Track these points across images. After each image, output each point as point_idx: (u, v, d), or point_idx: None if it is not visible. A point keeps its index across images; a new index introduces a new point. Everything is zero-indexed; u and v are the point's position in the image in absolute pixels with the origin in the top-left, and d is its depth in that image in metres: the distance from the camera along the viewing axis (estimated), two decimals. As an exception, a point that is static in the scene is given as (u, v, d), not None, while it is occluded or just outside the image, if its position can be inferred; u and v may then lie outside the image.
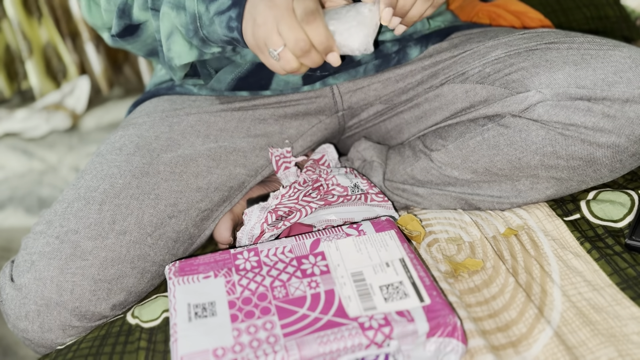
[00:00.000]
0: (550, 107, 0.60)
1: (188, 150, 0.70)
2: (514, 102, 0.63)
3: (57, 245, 0.60)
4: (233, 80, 0.74)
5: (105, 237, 0.62)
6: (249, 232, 0.67)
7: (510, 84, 0.64)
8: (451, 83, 0.70)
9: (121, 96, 2.19)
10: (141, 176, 0.66)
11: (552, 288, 0.56)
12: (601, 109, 0.59)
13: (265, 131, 0.75)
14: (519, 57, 0.65)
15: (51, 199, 1.60)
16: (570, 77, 0.60)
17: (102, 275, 0.61)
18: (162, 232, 0.66)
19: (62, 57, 2.14)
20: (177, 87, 0.78)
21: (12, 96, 2.21)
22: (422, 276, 0.54)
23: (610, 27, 1.00)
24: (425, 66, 0.74)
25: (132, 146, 0.69)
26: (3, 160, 1.83)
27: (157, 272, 0.66)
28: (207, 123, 0.72)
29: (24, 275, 0.60)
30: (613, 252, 0.59)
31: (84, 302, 0.60)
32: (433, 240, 0.66)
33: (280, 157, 0.75)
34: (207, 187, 0.70)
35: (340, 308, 0.51)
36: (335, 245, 0.59)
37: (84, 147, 1.85)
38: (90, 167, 0.68)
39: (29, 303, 0.59)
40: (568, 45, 0.63)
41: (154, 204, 0.65)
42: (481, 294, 0.58)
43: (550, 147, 0.62)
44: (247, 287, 0.54)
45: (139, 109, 0.77)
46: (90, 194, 0.64)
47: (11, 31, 2.09)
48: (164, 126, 0.71)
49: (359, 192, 0.70)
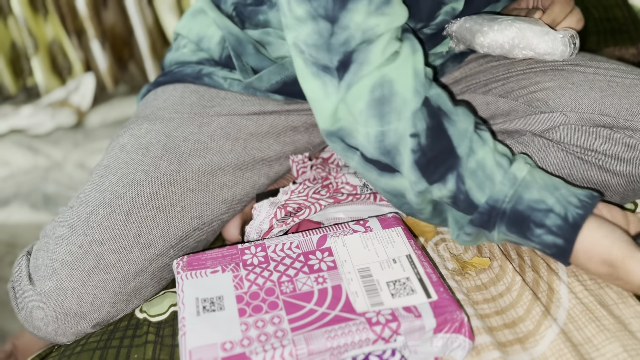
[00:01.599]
0: (573, 130, 0.61)
1: (216, 157, 0.68)
2: (536, 122, 0.63)
3: (81, 256, 0.59)
4: (278, 82, 0.70)
5: (129, 250, 0.61)
6: (257, 227, 0.67)
7: (534, 102, 0.63)
8: (472, 92, 0.70)
9: (126, 93, 2.19)
10: (168, 185, 0.64)
11: (559, 286, 0.56)
12: (622, 138, 0.59)
13: (294, 139, 0.74)
14: (545, 75, 0.64)
15: (56, 195, 1.61)
16: (596, 103, 0.60)
17: (123, 288, 0.61)
18: (185, 244, 0.66)
19: (68, 54, 2.15)
20: (205, 78, 0.73)
21: (17, 93, 2.21)
22: (429, 272, 0.54)
23: (619, 28, 1.00)
24: (455, 77, 0.74)
25: (159, 147, 0.66)
26: (8, 157, 1.84)
27: (171, 277, 0.66)
28: (237, 126, 0.70)
29: (45, 282, 0.59)
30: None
31: (102, 314, 0.60)
32: (440, 239, 0.66)
33: (299, 164, 0.75)
34: (232, 199, 0.69)
35: (347, 303, 0.51)
36: (342, 241, 0.59)
37: (89, 144, 1.86)
38: (114, 164, 0.65)
39: (48, 309, 0.58)
40: (594, 70, 0.63)
41: (180, 216, 0.65)
42: (488, 291, 0.58)
43: (567, 170, 0.62)
44: (254, 282, 0.55)
45: (162, 95, 0.73)
46: (116, 201, 0.62)
47: (17, 28, 2.10)
48: (193, 126, 0.69)
49: (368, 191, 0.71)
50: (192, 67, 0.75)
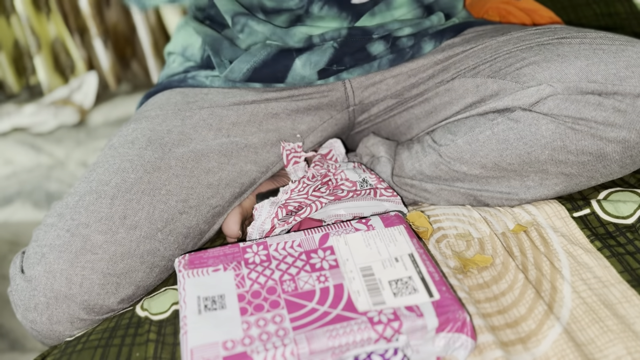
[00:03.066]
0: (561, 100, 0.60)
1: (200, 145, 0.70)
2: (524, 96, 0.63)
3: (68, 239, 0.61)
4: (248, 70, 0.73)
5: (115, 231, 0.62)
6: (259, 227, 0.67)
7: (521, 78, 0.64)
8: (462, 77, 0.70)
9: (129, 92, 2.20)
10: (153, 171, 0.66)
11: (562, 285, 0.56)
12: (612, 103, 0.58)
13: (277, 126, 0.75)
14: (531, 51, 0.65)
15: (59, 193, 1.61)
16: (582, 71, 0.60)
17: (112, 269, 0.61)
18: (173, 228, 0.66)
19: (70, 53, 2.15)
20: (189, 80, 0.77)
21: (20, 91, 2.22)
22: (431, 271, 0.54)
23: (621, 24, 1.00)
24: (438, 60, 0.74)
25: (144, 140, 0.68)
26: (11, 155, 1.84)
27: (166, 267, 0.66)
28: (219, 117, 0.72)
29: (34, 267, 0.60)
30: (625, 251, 0.59)
31: (92, 296, 0.60)
32: (442, 236, 0.66)
33: (291, 152, 0.75)
34: (218, 184, 0.70)
35: (349, 302, 0.51)
36: (344, 239, 0.59)
37: (92, 142, 1.86)
38: (103, 159, 0.68)
39: (39, 295, 0.59)
40: (580, 40, 0.63)
41: (165, 199, 0.66)
42: (490, 290, 0.57)
43: (560, 142, 0.61)
44: (256, 281, 0.54)
45: (151, 101, 0.77)
46: (101, 187, 0.64)
47: (20, 26, 2.10)
48: (177, 120, 0.71)
49: (368, 187, 0.70)
50: (179, 76, 0.79)
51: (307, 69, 0.72)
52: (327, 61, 0.72)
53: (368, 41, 0.72)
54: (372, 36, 0.72)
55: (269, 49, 0.73)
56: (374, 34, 0.72)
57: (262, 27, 0.71)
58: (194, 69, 0.78)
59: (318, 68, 0.72)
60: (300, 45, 0.71)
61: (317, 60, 0.72)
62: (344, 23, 0.71)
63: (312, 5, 0.69)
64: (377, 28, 0.72)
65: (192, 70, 0.79)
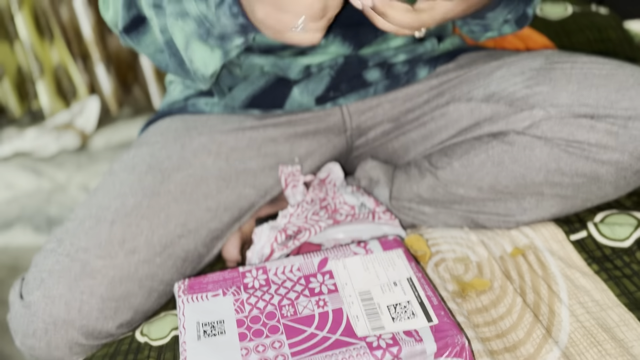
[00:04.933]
0: (554, 124, 0.61)
1: (199, 170, 0.70)
2: (518, 120, 0.64)
3: (67, 264, 0.61)
4: (247, 97, 0.75)
5: (114, 256, 0.62)
6: (259, 252, 0.67)
7: (514, 102, 0.65)
8: (457, 102, 0.71)
9: (130, 116, 2.21)
10: (152, 196, 0.67)
11: (560, 308, 0.56)
12: (604, 126, 0.60)
13: (276, 150, 0.76)
14: (523, 76, 0.66)
15: (59, 217, 1.61)
16: (574, 95, 0.61)
17: (110, 294, 0.61)
18: (172, 252, 0.66)
19: (73, 78, 2.18)
20: (189, 107, 0.79)
21: (22, 116, 2.24)
22: (429, 296, 0.54)
23: (613, 49, 1.01)
24: (433, 86, 0.75)
25: (144, 165, 0.69)
26: (12, 179, 1.85)
27: (165, 291, 0.67)
28: (218, 142, 0.73)
29: (33, 292, 0.60)
30: (622, 274, 0.59)
31: (91, 321, 0.60)
32: (440, 259, 0.66)
33: (289, 176, 0.75)
34: (217, 208, 0.70)
35: (348, 327, 0.51)
36: (343, 263, 0.59)
37: (93, 167, 1.87)
38: (103, 185, 0.69)
39: (37, 321, 0.59)
40: (571, 65, 0.64)
41: (164, 223, 0.66)
42: (489, 314, 0.58)
43: (554, 164, 0.62)
44: (255, 306, 0.55)
45: (151, 128, 0.78)
46: (101, 212, 0.65)
47: (23, 52, 2.13)
48: (177, 145, 0.72)
49: (366, 210, 0.71)
50: (180, 103, 0.80)
51: (305, 96, 0.74)
52: (324, 89, 0.73)
53: (364, 68, 0.74)
54: (368, 64, 0.73)
55: (267, 76, 0.74)
56: (369, 62, 0.73)
57: (263, 59, 0.72)
58: (194, 97, 0.80)
59: (315, 95, 0.74)
60: (300, 77, 0.73)
61: (314, 88, 0.73)
62: (346, 51, 0.72)
63: None
64: (372, 56, 0.73)
65: (192, 97, 0.80)
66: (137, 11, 0.63)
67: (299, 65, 0.72)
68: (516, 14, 0.66)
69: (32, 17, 2.07)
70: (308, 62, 0.72)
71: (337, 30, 0.70)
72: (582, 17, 1.06)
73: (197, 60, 0.62)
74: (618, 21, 1.07)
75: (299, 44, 0.54)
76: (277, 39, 0.54)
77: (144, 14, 0.62)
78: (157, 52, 0.66)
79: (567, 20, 1.05)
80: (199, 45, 0.60)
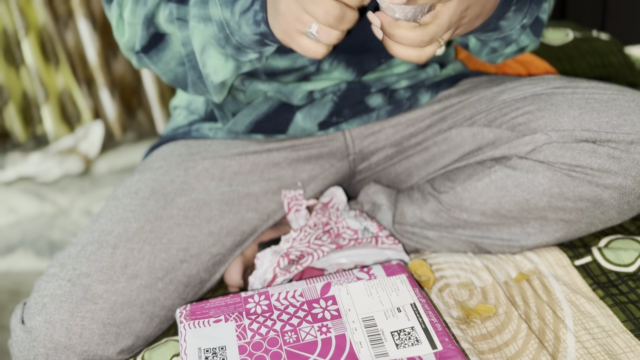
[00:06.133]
0: (557, 148, 0.62)
1: (202, 194, 0.71)
2: (520, 144, 0.64)
3: (69, 288, 0.61)
4: (251, 123, 0.75)
5: (116, 281, 0.62)
6: (261, 277, 0.67)
7: (516, 127, 0.65)
8: (459, 127, 0.72)
9: (134, 140, 2.23)
10: (155, 220, 0.67)
11: (565, 334, 0.56)
12: (606, 150, 0.60)
13: (279, 175, 0.76)
14: (525, 101, 0.66)
15: (62, 242, 1.61)
16: (575, 119, 0.61)
17: (112, 319, 0.61)
18: (173, 277, 0.66)
19: (77, 103, 2.20)
20: (193, 132, 0.79)
21: (26, 140, 2.25)
22: (434, 322, 0.53)
23: (615, 74, 1.02)
24: (435, 111, 0.76)
25: (147, 190, 0.70)
26: (15, 204, 1.85)
27: (166, 317, 0.66)
28: (221, 166, 0.74)
29: (34, 317, 0.60)
30: (628, 299, 0.59)
31: (92, 346, 0.60)
32: (444, 285, 0.66)
33: (292, 200, 0.75)
34: (219, 232, 0.70)
35: (351, 354, 0.51)
36: (346, 289, 0.59)
37: (96, 191, 1.88)
38: (106, 210, 0.69)
39: (38, 346, 0.59)
40: (572, 90, 0.65)
41: (166, 248, 0.66)
42: (494, 340, 0.57)
43: (557, 189, 0.62)
44: (257, 332, 0.54)
45: (155, 153, 0.78)
46: (104, 237, 0.65)
47: (29, 77, 2.16)
48: (180, 170, 0.72)
49: (370, 234, 0.71)
50: (184, 128, 0.81)
51: (308, 121, 0.74)
52: (327, 114, 0.74)
53: (366, 94, 0.74)
54: (371, 89, 0.74)
55: (270, 102, 0.75)
56: (372, 88, 0.74)
57: (266, 85, 0.73)
58: (198, 122, 0.80)
59: (318, 121, 0.74)
60: (303, 103, 0.74)
61: (317, 114, 0.74)
62: (349, 77, 0.73)
63: (323, 63, 0.71)
64: (375, 82, 0.74)
65: (196, 123, 0.80)
66: (155, 29, 0.66)
67: (302, 90, 0.72)
68: (531, 18, 0.67)
69: (38, 43, 2.10)
70: (311, 88, 0.73)
71: (342, 56, 0.71)
72: (583, 43, 1.07)
73: (209, 65, 0.64)
74: (619, 47, 1.08)
75: (303, 53, 0.55)
76: (287, 43, 0.56)
77: (162, 31, 0.66)
78: (178, 65, 0.68)
79: (569, 46, 1.06)
80: (215, 51, 0.63)
